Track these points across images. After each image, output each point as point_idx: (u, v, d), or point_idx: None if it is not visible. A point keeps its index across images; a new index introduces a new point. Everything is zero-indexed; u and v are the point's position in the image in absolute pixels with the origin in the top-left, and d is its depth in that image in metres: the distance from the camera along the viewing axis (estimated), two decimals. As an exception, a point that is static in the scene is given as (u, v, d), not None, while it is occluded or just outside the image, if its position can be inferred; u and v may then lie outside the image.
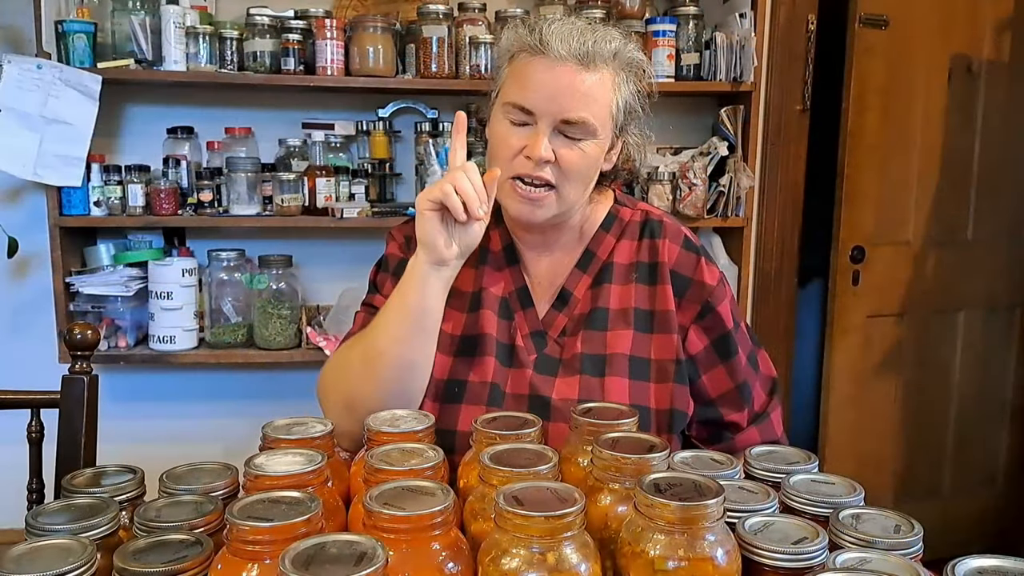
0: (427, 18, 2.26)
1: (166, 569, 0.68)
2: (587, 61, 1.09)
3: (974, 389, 2.85)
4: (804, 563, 0.70)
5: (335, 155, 2.44)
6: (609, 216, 1.26)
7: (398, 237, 1.30)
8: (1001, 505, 2.92)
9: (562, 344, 1.19)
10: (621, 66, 1.13)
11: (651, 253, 1.22)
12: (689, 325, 1.20)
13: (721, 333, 1.19)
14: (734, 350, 1.20)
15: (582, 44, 1.09)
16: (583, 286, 1.21)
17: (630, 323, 1.17)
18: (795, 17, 2.49)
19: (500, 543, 0.68)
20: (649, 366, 1.16)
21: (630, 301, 1.19)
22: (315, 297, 2.55)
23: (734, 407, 1.20)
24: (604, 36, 1.11)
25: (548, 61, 1.09)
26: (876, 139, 2.57)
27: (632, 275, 1.21)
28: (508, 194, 1.15)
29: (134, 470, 0.91)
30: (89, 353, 1.39)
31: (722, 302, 1.20)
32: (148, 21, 2.21)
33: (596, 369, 1.15)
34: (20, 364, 2.36)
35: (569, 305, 1.21)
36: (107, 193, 2.24)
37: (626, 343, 1.16)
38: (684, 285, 1.20)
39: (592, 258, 1.23)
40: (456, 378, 1.17)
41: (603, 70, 1.11)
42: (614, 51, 1.12)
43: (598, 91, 1.11)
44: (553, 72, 1.09)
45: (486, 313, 1.20)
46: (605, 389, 1.13)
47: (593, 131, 1.12)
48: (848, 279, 2.61)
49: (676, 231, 1.25)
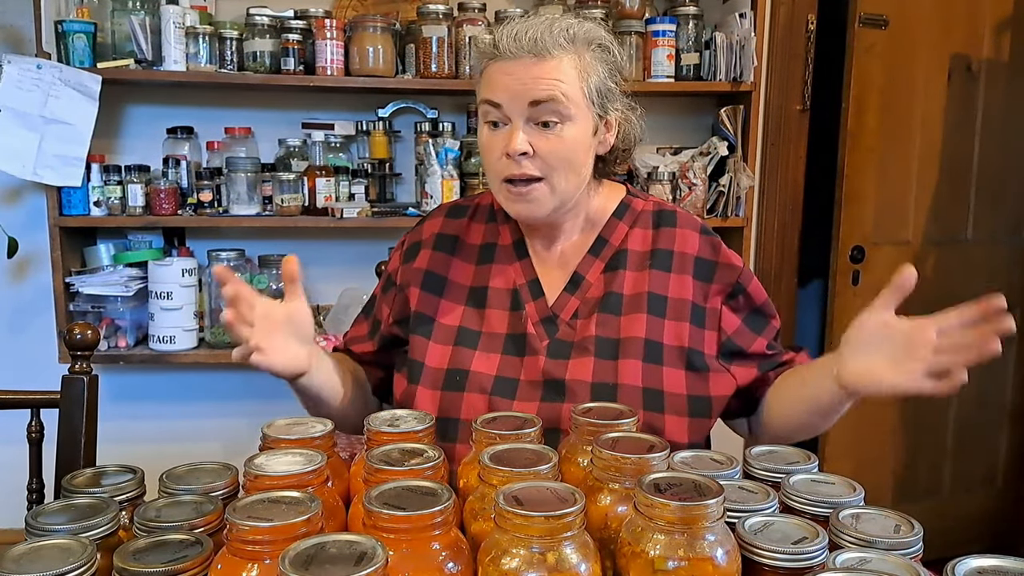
0: (427, 18, 2.26)
1: (166, 569, 0.68)
2: (540, 51, 1.11)
3: (974, 389, 2.84)
4: (804, 563, 0.70)
5: (335, 155, 2.44)
6: (622, 205, 1.27)
7: (404, 245, 1.33)
8: (1001, 505, 2.92)
9: (574, 327, 1.19)
10: (583, 47, 1.15)
11: (667, 242, 1.23)
12: (721, 307, 1.22)
13: (754, 307, 1.24)
14: (769, 318, 1.26)
15: (532, 38, 1.11)
16: (596, 271, 1.23)
17: (644, 308, 1.18)
18: (795, 17, 2.49)
19: (500, 543, 0.68)
20: (662, 350, 1.16)
21: (644, 286, 1.20)
22: (315, 297, 2.55)
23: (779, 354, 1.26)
24: (559, 25, 1.13)
25: (504, 61, 1.13)
26: (876, 139, 2.57)
27: (647, 262, 1.22)
28: (504, 197, 1.18)
29: (134, 470, 0.91)
30: (89, 353, 1.39)
31: (751, 281, 1.24)
32: (148, 21, 2.21)
33: (610, 352, 1.16)
34: (20, 364, 2.37)
35: (581, 288, 1.22)
36: (107, 193, 2.24)
37: (640, 327, 1.17)
38: (711, 269, 1.22)
39: (605, 244, 1.24)
40: (457, 367, 1.18)
41: (561, 56, 1.12)
42: (571, 36, 1.13)
43: (559, 74, 1.12)
44: (511, 67, 1.12)
45: (491, 313, 1.21)
46: (619, 371, 1.14)
47: (566, 113, 1.13)
48: (848, 279, 2.61)
49: (691, 220, 1.27)
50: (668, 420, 1.13)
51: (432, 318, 1.23)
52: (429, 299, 1.25)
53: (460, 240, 1.29)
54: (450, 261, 1.27)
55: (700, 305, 1.20)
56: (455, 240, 1.29)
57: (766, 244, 2.59)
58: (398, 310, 1.28)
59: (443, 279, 1.26)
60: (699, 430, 1.17)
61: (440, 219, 1.32)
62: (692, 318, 1.19)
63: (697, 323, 1.20)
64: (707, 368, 1.18)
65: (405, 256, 1.31)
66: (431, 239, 1.29)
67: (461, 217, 1.31)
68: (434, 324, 1.22)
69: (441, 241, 1.29)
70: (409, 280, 1.27)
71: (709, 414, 1.18)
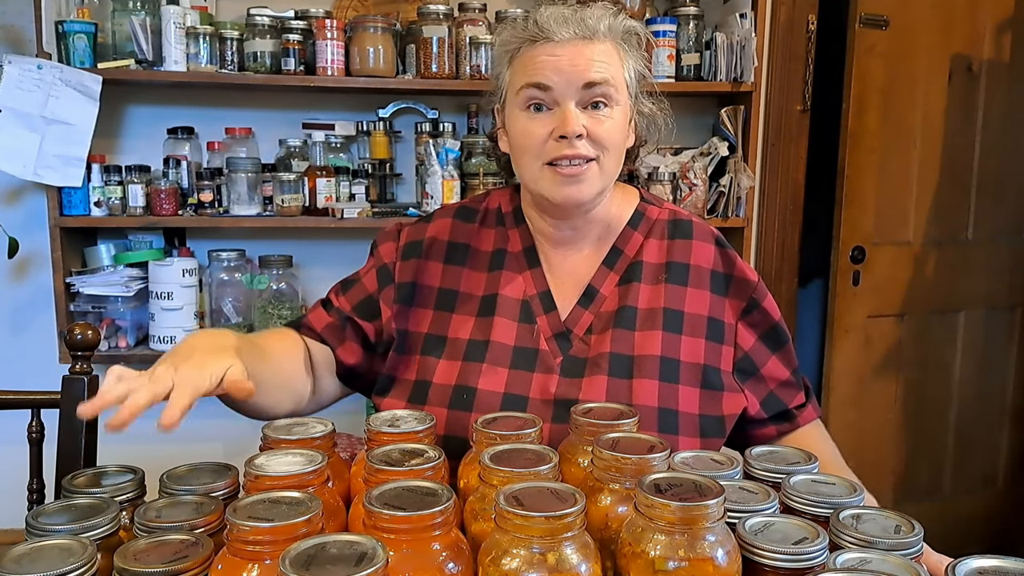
0: (427, 18, 2.26)
1: (166, 569, 0.68)
2: (589, 35, 1.11)
3: (974, 389, 2.84)
4: (804, 563, 0.70)
5: (335, 155, 2.44)
6: (636, 214, 1.24)
7: (402, 238, 1.26)
8: (1001, 505, 2.92)
9: (588, 343, 1.16)
10: (619, 36, 1.15)
11: (682, 254, 1.20)
12: (736, 322, 1.19)
13: (770, 324, 1.20)
14: (784, 338, 1.21)
15: (580, 22, 1.11)
16: (610, 284, 1.19)
17: (659, 324, 1.15)
18: (795, 17, 2.49)
19: (500, 543, 0.68)
20: (679, 368, 1.13)
21: (659, 301, 1.17)
22: (315, 297, 2.52)
23: (793, 390, 1.21)
24: (596, 13, 1.13)
25: (552, 44, 1.10)
26: (876, 139, 2.58)
27: (662, 276, 1.19)
28: (549, 181, 1.12)
29: (134, 470, 0.91)
30: (89, 353, 1.39)
31: (766, 297, 1.21)
32: (148, 21, 2.21)
33: (624, 370, 1.12)
34: (20, 364, 2.37)
35: (595, 302, 1.18)
36: (107, 193, 2.24)
37: (656, 344, 1.13)
38: (726, 283, 1.20)
39: (619, 255, 1.21)
40: (465, 384, 1.14)
41: (606, 42, 1.12)
42: (608, 25, 1.13)
43: (607, 57, 1.12)
44: (561, 49, 1.10)
45: (499, 320, 1.17)
46: (634, 392, 1.10)
47: (615, 96, 1.12)
48: (848, 279, 2.61)
49: (707, 231, 1.24)
50: (682, 442, 1.09)
51: (444, 337, 1.18)
52: (442, 318, 1.20)
53: (471, 248, 1.24)
54: (461, 272, 1.22)
55: (716, 319, 1.18)
56: (467, 249, 1.24)
57: (767, 244, 2.59)
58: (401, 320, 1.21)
59: (455, 293, 1.21)
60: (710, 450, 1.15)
61: (449, 221, 1.26)
62: (708, 334, 1.16)
63: (714, 338, 1.17)
64: (722, 386, 1.15)
65: (404, 252, 1.24)
66: (442, 247, 1.24)
67: (471, 222, 1.26)
68: (445, 342, 1.18)
69: (452, 251, 1.24)
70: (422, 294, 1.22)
71: (721, 433, 1.15)
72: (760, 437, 1.20)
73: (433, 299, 1.22)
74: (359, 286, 1.26)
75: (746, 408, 1.17)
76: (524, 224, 1.24)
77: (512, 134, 1.16)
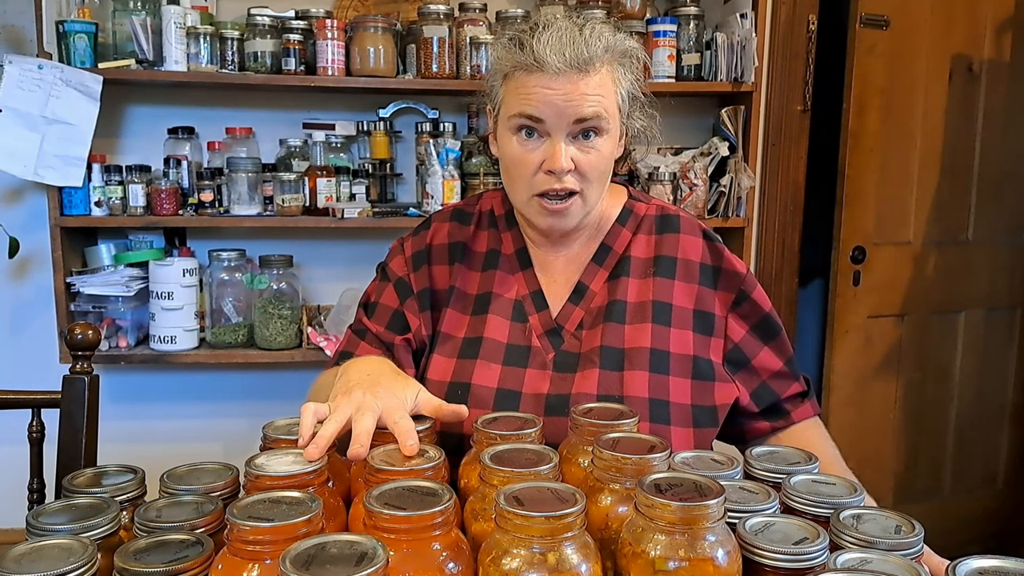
0: (428, 18, 2.26)
1: (167, 569, 0.69)
2: (585, 67, 1.09)
3: (974, 389, 2.84)
4: (805, 563, 0.70)
5: (336, 155, 2.44)
6: (624, 211, 1.26)
7: (407, 249, 1.28)
8: (1001, 505, 2.92)
9: (580, 338, 1.18)
10: (615, 58, 1.14)
11: (670, 248, 1.22)
12: (727, 315, 1.20)
13: (761, 316, 1.21)
14: (776, 328, 1.22)
15: (575, 51, 1.08)
16: (599, 280, 1.21)
17: (648, 317, 1.17)
18: (796, 17, 2.49)
19: (501, 543, 0.68)
20: (669, 359, 1.15)
21: (648, 295, 1.19)
22: (316, 297, 2.56)
23: (787, 381, 1.22)
24: (594, 34, 1.11)
25: (547, 76, 1.09)
26: (877, 139, 2.58)
27: (650, 270, 1.21)
28: (536, 211, 1.16)
29: (135, 470, 0.91)
30: (90, 353, 1.39)
31: (755, 288, 1.22)
32: (149, 21, 2.21)
33: (615, 363, 1.14)
34: (21, 364, 2.38)
35: (585, 298, 1.21)
36: (108, 193, 2.24)
37: (645, 337, 1.15)
38: (715, 275, 1.21)
39: (608, 252, 1.23)
40: (459, 381, 1.17)
41: (601, 70, 1.11)
42: (605, 47, 1.11)
43: (601, 89, 1.11)
44: (555, 83, 1.09)
45: (492, 318, 1.20)
46: (625, 383, 1.12)
47: (605, 127, 1.12)
48: (849, 279, 2.61)
49: (694, 225, 1.25)
50: (674, 432, 1.11)
51: (451, 335, 1.21)
52: (455, 317, 1.22)
53: (467, 248, 1.26)
54: (460, 271, 1.25)
55: (705, 312, 1.19)
56: (464, 248, 1.26)
57: (767, 244, 2.59)
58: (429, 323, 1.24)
59: (464, 293, 1.24)
60: (703, 440, 1.16)
61: (446, 224, 1.29)
62: (697, 326, 1.18)
63: (702, 331, 1.18)
64: (713, 376, 1.17)
65: (414, 263, 1.26)
66: (443, 250, 1.26)
67: (467, 224, 1.28)
68: (450, 339, 1.20)
69: (452, 251, 1.26)
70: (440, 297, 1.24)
71: (714, 423, 1.17)
72: (753, 432, 1.23)
73: (450, 298, 1.24)
74: (382, 308, 1.26)
75: (738, 399, 1.19)
76: (516, 227, 1.26)
77: (503, 155, 1.18)
